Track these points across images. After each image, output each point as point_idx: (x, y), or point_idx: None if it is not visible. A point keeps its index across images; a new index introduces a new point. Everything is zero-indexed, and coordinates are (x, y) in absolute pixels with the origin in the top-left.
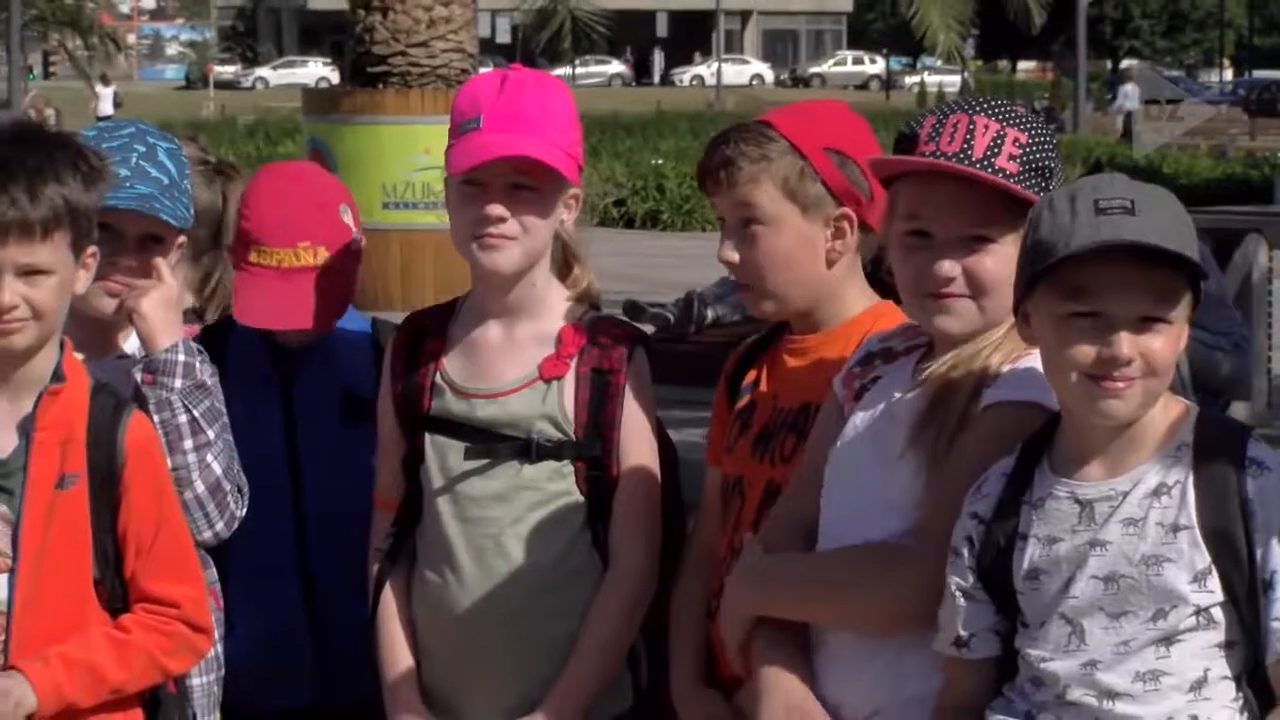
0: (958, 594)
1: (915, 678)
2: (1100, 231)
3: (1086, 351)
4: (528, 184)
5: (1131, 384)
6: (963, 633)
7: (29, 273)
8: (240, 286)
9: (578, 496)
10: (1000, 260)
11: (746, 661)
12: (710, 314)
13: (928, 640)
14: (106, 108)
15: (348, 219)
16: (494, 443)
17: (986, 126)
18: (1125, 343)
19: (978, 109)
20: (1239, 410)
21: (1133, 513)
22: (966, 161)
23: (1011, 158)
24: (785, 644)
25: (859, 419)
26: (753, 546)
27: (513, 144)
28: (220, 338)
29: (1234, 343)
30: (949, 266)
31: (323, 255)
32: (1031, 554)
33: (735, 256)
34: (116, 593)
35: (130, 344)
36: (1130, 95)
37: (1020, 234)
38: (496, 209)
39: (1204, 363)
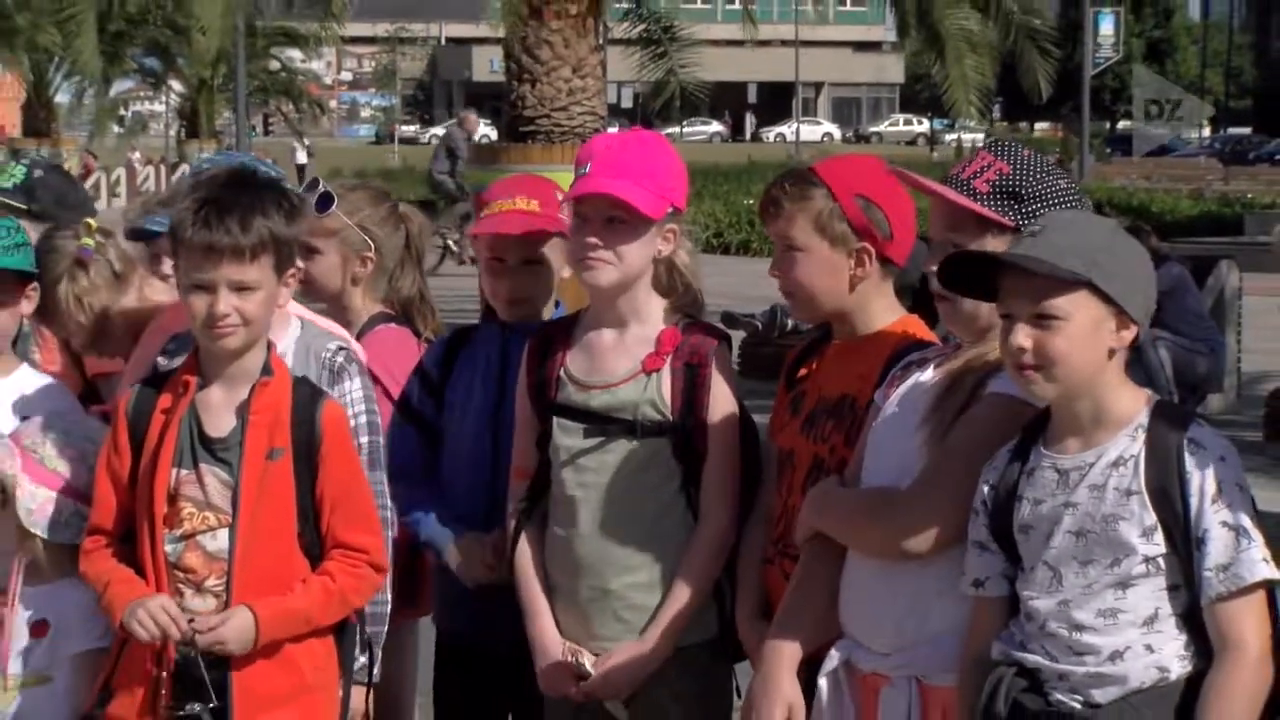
0: (974, 546)
1: (936, 617)
2: (1016, 249)
3: (1003, 343)
4: (620, 218)
5: (1034, 372)
6: (979, 576)
7: (240, 288)
8: (474, 231)
9: (673, 466)
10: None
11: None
12: (790, 323)
13: (946, 586)
14: (302, 158)
15: (564, 214)
16: (607, 424)
17: (984, 158)
18: (1017, 335)
19: (990, 147)
20: (1214, 401)
21: (1097, 480)
22: (953, 181)
23: (987, 181)
24: (820, 565)
25: (893, 401)
26: (831, 479)
27: (605, 185)
28: (464, 337)
29: (1210, 347)
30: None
31: (535, 205)
32: (1023, 512)
33: (778, 274)
34: (314, 542)
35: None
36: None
37: (989, 240)
38: (592, 239)
39: (1185, 363)
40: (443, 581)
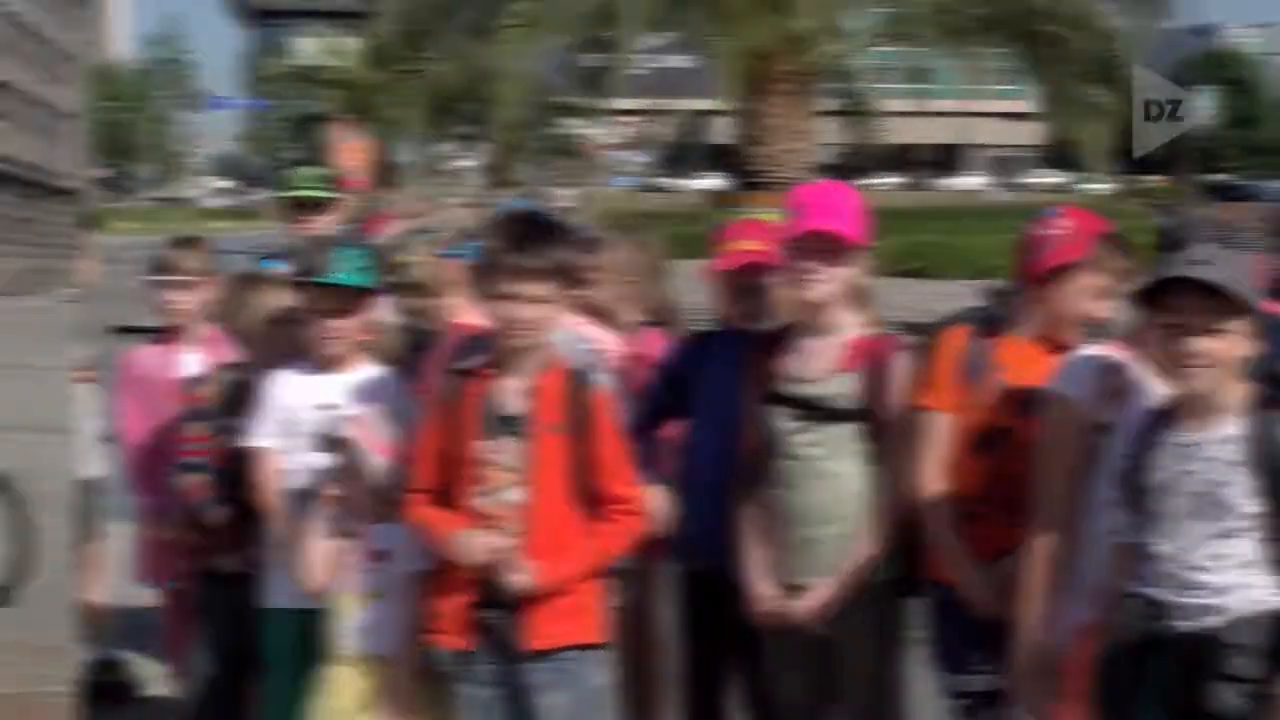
0: (1112, 504)
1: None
2: (1186, 272)
3: (1176, 348)
4: (833, 248)
5: (1204, 369)
6: (1115, 527)
7: (536, 300)
8: (714, 266)
9: (860, 444)
10: None
11: None
12: None
13: None
14: (566, 202)
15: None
16: (811, 410)
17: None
18: (1196, 342)
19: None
20: None
21: (1211, 453)
22: None
23: None
24: None
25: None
26: None
27: (826, 223)
28: (708, 338)
29: None
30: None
31: (760, 245)
32: (1154, 476)
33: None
34: (589, 496)
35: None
36: None
37: None
38: (812, 264)
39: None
40: (683, 527)
